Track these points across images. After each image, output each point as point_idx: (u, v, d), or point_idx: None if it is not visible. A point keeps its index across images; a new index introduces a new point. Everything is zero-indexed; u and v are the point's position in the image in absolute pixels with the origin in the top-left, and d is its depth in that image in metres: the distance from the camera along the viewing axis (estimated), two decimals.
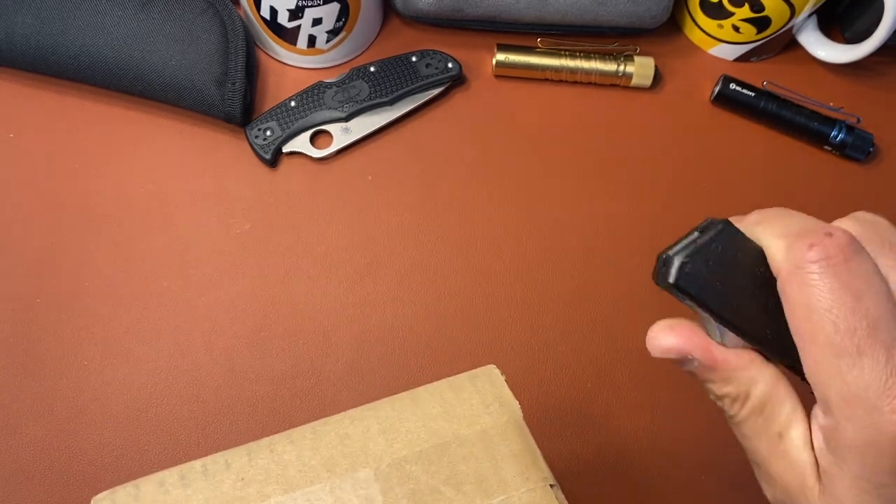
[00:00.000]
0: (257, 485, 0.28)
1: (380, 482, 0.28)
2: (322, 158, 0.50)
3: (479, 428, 0.29)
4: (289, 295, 0.47)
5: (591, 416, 0.45)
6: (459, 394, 0.30)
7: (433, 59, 0.52)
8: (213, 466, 0.28)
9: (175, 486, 0.28)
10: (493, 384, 0.30)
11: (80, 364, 0.45)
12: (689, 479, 0.44)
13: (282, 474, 0.28)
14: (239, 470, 0.28)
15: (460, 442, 0.29)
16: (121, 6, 0.48)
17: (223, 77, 0.49)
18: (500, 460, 0.28)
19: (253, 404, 0.44)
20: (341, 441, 0.29)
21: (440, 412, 0.29)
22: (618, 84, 0.54)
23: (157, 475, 0.28)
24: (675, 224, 0.50)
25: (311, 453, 0.29)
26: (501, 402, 0.30)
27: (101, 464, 0.42)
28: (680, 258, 0.25)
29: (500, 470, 0.28)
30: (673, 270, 0.26)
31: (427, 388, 0.30)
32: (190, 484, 0.28)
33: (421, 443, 0.29)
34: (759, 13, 0.51)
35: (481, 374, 0.31)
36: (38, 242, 0.47)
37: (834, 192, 0.52)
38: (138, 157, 0.50)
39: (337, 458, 0.28)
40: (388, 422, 0.29)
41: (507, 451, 0.28)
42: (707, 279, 0.26)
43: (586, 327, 0.47)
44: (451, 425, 0.29)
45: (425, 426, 0.29)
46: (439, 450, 0.28)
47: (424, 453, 0.28)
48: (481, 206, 0.50)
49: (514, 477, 0.28)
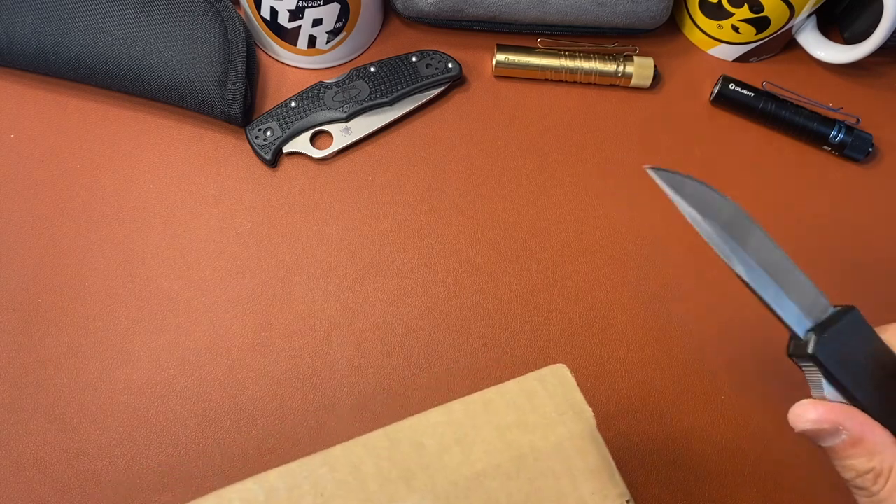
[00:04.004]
0: (339, 501, 0.27)
1: (460, 499, 0.27)
2: (322, 158, 0.50)
3: (555, 439, 0.28)
4: (289, 295, 0.47)
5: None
6: (532, 399, 0.29)
7: (433, 60, 0.52)
8: (290, 480, 0.27)
9: (255, 503, 0.27)
10: (565, 387, 0.30)
11: (80, 364, 0.45)
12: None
13: (362, 489, 0.27)
14: (317, 483, 0.27)
15: (536, 455, 0.28)
16: (121, 7, 0.48)
17: (223, 77, 0.49)
18: (577, 476, 0.28)
19: (253, 404, 0.44)
20: (416, 451, 0.28)
21: (514, 420, 0.29)
22: (617, 84, 0.54)
23: (234, 489, 0.27)
24: (675, 224, 0.50)
25: (389, 465, 0.28)
26: (574, 408, 0.29)
27: (101, 464, 0.42)
28: (817, 335, 0.28)
29: (577, 487, 0.28)
30: (812, 344, 0.28)
31: (497, 390, 0.29)
32: (268, 500, 0.27)
33: (497, 455, 0.28)
34: (758, 14, 0.51)
35: (549, 375, 0.30)
36: (39, 242, 0.47)
37: (833, 192, 0.52)
38: (138, 158, 0.50)
39: (415, 471, 0.27)
40: (462, 430, 0.28)
41: (584, 466, 0.28)
42: (839, 352, 0.29)
43: (586, 327, 0.47)
44: (526, 436, 0.28)
45: (501, 437, 0.28)
46: (517, 463, 0.28)
47: (502, 467, 0.28)
48: (481, 205, 0.50)
49: (593, 494, 0.27)
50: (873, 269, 0.49)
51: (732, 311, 0.47)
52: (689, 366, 0.46)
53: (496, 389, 0.29)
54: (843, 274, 0.48)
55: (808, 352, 0.28)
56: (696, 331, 0.47)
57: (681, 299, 0.48)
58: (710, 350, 0.46)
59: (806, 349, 0.28)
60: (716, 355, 0.46)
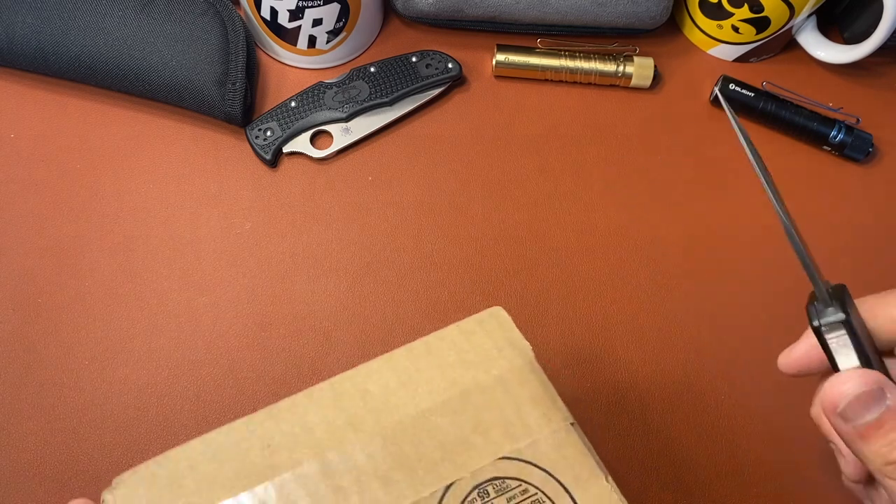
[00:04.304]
0: (286, 451, 0.27)
1: (408, 436, 0.28)
2: (322, 158, 0.50)
3: (497, 373, 0.29)
4: (289, 295, 0.47)
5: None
6: (471, 339, 0.30)
7: (433, 60, 0.52)
8: (236, 435, 0.28)
9: (202, 462, 0.27)
10: (502, 326, 0.31)
11: (80, 364, 0.45)
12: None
13: (309, 437, 0.28)
14: (263, 436, 0.28)
15: (480, 389, 0.29)
16: (121, 7, 0.48)
17: (223, 77, 0.49)
18: (521, 404, 0.29)
19: (253, 404, 0.44)
20: (362, 397, 0.29)
21: (455, 359, 0.30)
22: (617, 84, 0.54)
23: (181, 450, 0.27)
24: (675, 224, 0.50)
25: (335, 412, 0.28)
26: (513, 344, 0.30)
27: (102, 464, 0.42)
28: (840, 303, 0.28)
29: (522, 414, 0.29)
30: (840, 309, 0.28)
31: (438, 335, 0.30)
32: (216, 456, 0.27)
33: (442, 393, 0.29)
34: (758, 14, 0.51)
35: (488, 316, 0.31)
36: (39, 242, 0.47)
37: (833, 192, 0.52)
38: (139, 158, 0.50)
39: (362, 416, 0.28)
40: (406, 373, 0.29)
41: (527, 395, 0.29)
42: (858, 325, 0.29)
43: (586, 327, 0.47)
44: (468, 372, 0.29)
45: (444, 376, 0.29)
46: (461, 398, 0.29)
47: (448, 403, 0.29)
48: (481, 205, 0.50)
49: (538, 420, 0.28)
50: (873, 269, 0.49)
51: (732, 312, 0.48)
52: (687, 366, 0.46)
53: (436, 334, 0.30)
54: (844, 274, 0.48)
55: (842, 317, 0.28)
56: (696, 331, 0.47)
57: (681, 299, 0.48)
58: (709, 351, 0.46)
59: (838, 313, 0.28)
60: (715, 356, 0.46)
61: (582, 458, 0.28)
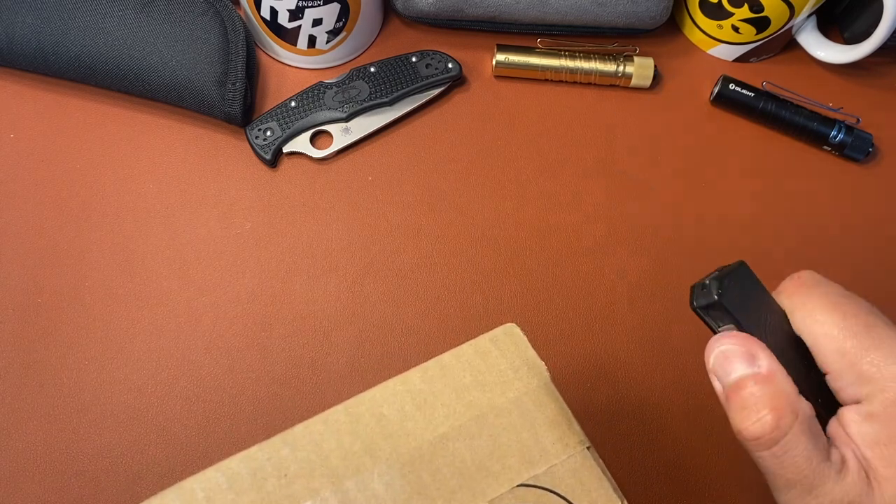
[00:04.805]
0: (303, 480, 0.27)
1: (426, 463, 0.28)
2: (322, 158, 0.50)
3: (513, 395, 0.29)
4: (289, 295, 0.47)
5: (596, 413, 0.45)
6: (486, 359, 0.30)
7: (433, 60, 0.52)
8: (252, 463, 0.27)
9: (217, 492, 0.27)
10: (517, 345, 0.30)
11: (80, 364, 0.45)
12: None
13: (325, 465, 0.27)
14: (279, 464, 0.27)
15: (496, 412, 0.29)
16: (121, 7, 0.48)
17: (223, 77, 0.49)
18: (537, 427, 0.29)
19: (253, 404, 0.44)
20: (378, 422, 0.28)
21: (471, 381, 0.29)
22: (617, 84, 0.54)
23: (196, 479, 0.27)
24: (675, 224, 0.50)
25: (351, 438, 0.28)
26: (529, 364, 0.30)
27: (102, 464, 0.42)
28: (718, 281, 0.28)
29: (539, 438, 0.28)
30: (714, 291, 0.28)
31: (452, 353, 0.30)
32: (232, 486, 0.27)
33: (458, 416, 0.29)
34: (758, 13, 0.51)
35: (502, 334, 0.31)
36: (39, 242, 0.47)
37: (833, 192, 0.52)
38: (138, 157, 0.50)
39: (378, 442, 0.28)
40: (421, 396, 0.29)
41: (543, 418, 0.29)
42: (740, 302, 0.29)
43: (586, 327, 0.47)
44: (484, 394, 0.29)
45: (459, 398, 0.29)
46: (478, 422, 0.28)
47: (464, 427, 0.28)
48: (481, 205, 0.50)
49: (554, 444, 0.28)
50: (873, 269, 0.49)
51: None
52: (686, 365, 0.46)
53: (451, 353, 0.30)
54: (844, 274, 0.48)
55: (714, 298, 0.28)
56: (695, 332, 0.47)
57: (680, 299, 0.48)
58: None
59: (711, 295, 0.28)
60: None
61: (598, 482, 0.28)
